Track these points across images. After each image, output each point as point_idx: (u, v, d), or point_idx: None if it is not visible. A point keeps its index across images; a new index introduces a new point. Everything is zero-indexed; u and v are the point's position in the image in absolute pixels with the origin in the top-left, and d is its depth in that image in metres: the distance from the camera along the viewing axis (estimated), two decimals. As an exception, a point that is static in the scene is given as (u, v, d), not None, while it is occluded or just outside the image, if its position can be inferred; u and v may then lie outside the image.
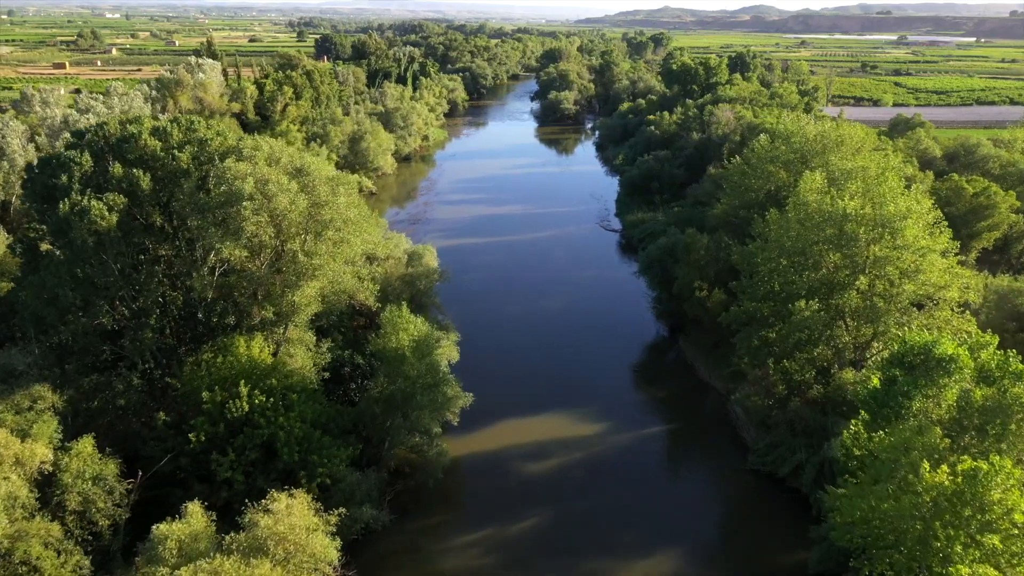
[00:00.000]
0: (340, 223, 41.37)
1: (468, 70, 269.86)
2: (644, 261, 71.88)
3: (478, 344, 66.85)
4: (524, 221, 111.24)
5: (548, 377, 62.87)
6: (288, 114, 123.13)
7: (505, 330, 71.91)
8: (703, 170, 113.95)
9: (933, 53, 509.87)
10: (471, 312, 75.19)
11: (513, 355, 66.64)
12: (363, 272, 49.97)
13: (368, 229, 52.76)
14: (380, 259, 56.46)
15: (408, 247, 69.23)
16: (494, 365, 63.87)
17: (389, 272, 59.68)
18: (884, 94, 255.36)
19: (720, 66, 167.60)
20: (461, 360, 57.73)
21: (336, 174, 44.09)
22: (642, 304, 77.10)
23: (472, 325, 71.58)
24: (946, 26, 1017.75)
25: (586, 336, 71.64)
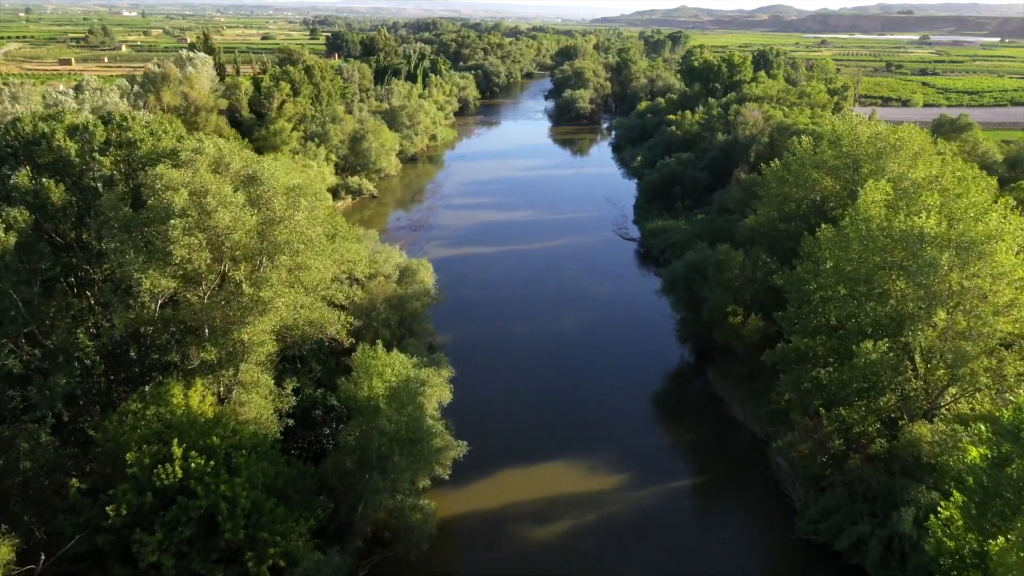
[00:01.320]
0: (299, 244, 33.35)
1: (481, 68, 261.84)
2: (668, 279, 63.54)
3: (478, 373, 58.79)
4: (535, 228, 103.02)
5: (557, 414, 54.67)
6: (285, 111, 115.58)
7: (510, 356, 63.78)
8: (728, 173, 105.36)
9: (958, 53, 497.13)
10: (472, 334, 67.19)
11: (518, 387, 58.46)
12: (339, 296, 41.94)
13: (347, 247, 44.78)
14: (363, 280, 48.51)
15: (400, 262, 61.23)
16: (495, 400, 55.76)
17: (375, 293, 51.65)
18: (913, 94, 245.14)
19: (744, 63, 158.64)
20: (457, 394, 49.53)
21: (300, 183, 35.92)
22: (664, 325, 68.69)
23: (473, 350, 63.60)
24: (969, 26, 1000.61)
25: (602, 363, 63.39)
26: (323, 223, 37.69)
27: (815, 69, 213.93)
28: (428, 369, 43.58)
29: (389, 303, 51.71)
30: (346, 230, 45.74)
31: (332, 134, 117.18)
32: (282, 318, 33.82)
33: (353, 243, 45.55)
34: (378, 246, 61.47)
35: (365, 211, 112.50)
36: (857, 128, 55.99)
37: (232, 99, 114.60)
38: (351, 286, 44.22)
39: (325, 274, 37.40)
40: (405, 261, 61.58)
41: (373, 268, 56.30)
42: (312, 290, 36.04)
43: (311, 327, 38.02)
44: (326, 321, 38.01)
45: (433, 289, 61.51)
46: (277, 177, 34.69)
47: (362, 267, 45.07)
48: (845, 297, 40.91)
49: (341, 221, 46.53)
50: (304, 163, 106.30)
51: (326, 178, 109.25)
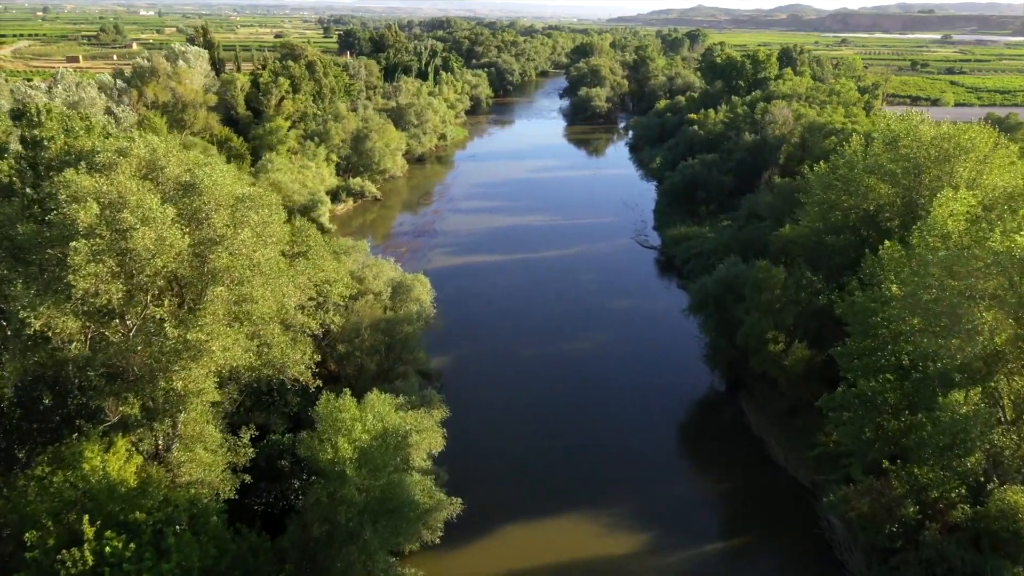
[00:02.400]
0: (243, 271, 26.48)
1: (494, 65, 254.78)
2: (696, 297, 56.23)
3: (479, 407, 51.89)
4: (547, 234, 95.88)
5: (569, 457, 47.53)
6: (283, 109, 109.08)
7: (515, 384, 56.70)
8: (756, 176, 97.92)
9: (983, 52, 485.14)
10: (474, 357, 60.20)
11: (524, 423, 51.36)
12: (312, 325, 35.02)
13: (322, 267, 37.89)
14: (344, 303, 41.66)
15: (393, 276, 54.32)
16: (497, 440, 48.69)
17: (360, 316, 44.72)
18: (942, 93, 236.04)
19: (770, 60, 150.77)
20: (453, 434, 42.71)
21: (251, 192, 29.05)
22: (690, 347, 61.42)
23: (474, 377, 56.68)
24: (992, 25, 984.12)
25: (619, 392, 56.21)
26: (281, 242, 30.72)
27: (842, 67, 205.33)
28: (417, 412, 36.66)
29: (376, 327, 44.79)
30: (321, 245, 38.90)
31: (333, 133, 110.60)
32: (219, 364, 26.87)
33: (329, 261, 38.66)
34: (368, 259, 54.56)
35: (367, 215, 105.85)
36: (918, 127, 48.42)
37: (228, 96, 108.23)
38: (327, 311, 37.30)
39: (288, 302, 30.50)
40: (399, 276, 54.65)
41: (361, 286, 49.39)
42: (264, 325, 29.08)
43: (269, 368, 31.10)
44: (287, 361, 31.01)
45: (430, 308, 54.64)
46: (223, 185, 27.77)
47: (340, 288, 38.05)
48: (921, 332, 33.48)
49: (315, 235, 39.73)
50: (302, 163, 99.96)
51: (325, 179, 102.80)
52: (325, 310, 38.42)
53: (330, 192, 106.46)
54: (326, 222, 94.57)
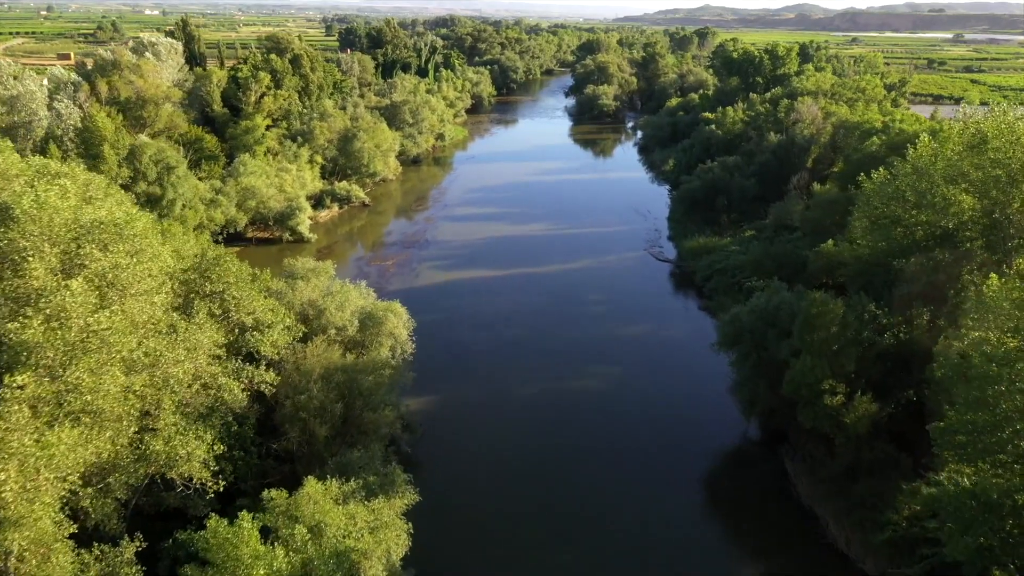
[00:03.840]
0: (68, 348, 17.17)
1: (497, 63, 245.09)
2: (728, 331, 46.72)
3: (463, 470, 42.57)
4: (551, 246, 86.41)
5: (575, 539, 38.12)
6: (263, 106, 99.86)
7: (512, 436, 47.28)
8: (783, 181, 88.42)
9: (998, 51, 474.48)
10: (463, 400, 50.78)
11: (521, 488, 41.96)
12: (231, 391, 25.75)
13: (249, 305, 28.52)
14: (279, 355, 32.32)
15: (364, 306, 44.99)
16: (486, 516, 39.23)
17: (308, 366, 35.30)
18: (965, 92, 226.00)
19: (790, 55, 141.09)
20: (430, 510, 33.44)
21: (107, 218, 19.76)
22: (716, 384, 52.09)
23: (460, 427, 47.31)
24: (1003, 24, 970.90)
25: (635, 445, 46.77)
26: (159, 286, 21.41)
27: (862, 64, 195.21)
28: (375, 502, 27.34)
29: (331, 378, 35.44)
30: (245, 281, 29.63)
31: (318, 132, 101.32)
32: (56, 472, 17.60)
33: (259, 300, 29.40)
34: (333, 284, 45.17)
35: (354, 222, 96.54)
36: (1015, 125, 38.78)
37: (203, 92, 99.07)
38: (258, 366, 28.01)
39: (175, 371, 21.17)
40: (370, 304, 45.29)
41: (318, 321, 40.07)
42: (114, 421, 19.82)
43: (146, 465, 21.82)
44: (173, 456, 21.74)
45: (407, 342, 45.35)
46: (58, 210, 18.49)
47: (276, 335, 28.72)
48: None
49: (236, 267, 30.40)
50: (280, 166, 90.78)
51: (307, 183, 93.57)
52: (257, 364, 28.98)
53: (313, 197, 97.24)
54: (306, 231, 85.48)
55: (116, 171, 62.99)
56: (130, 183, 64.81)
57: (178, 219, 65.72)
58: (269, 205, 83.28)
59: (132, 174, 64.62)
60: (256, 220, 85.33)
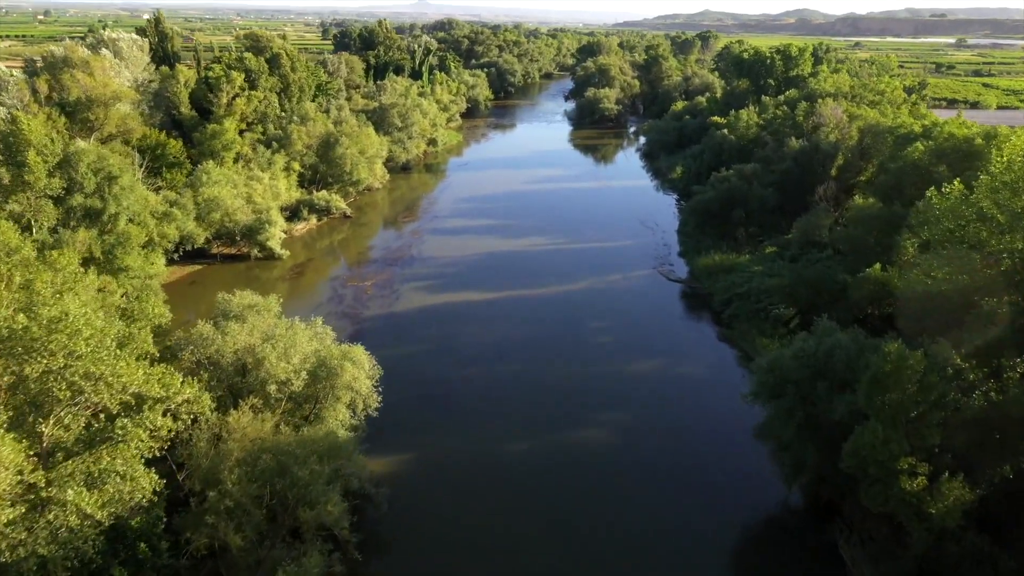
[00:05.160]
0: None
1: (494, 65, 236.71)
2: (766, 381, 38.07)
3: (436, 546, 33.92)
4: (549, 262, 77.81)
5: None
6: (235, 108, 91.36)
7: (499, 502, 38.62)
8: (806, 190, 79.86)
9: (1003, 55, 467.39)
10: (441, 460, 42.10)
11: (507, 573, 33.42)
12: (78, 507, 17.23)
13: (119, 371, 19.94)
14: (183, 426, 23.81)
15: (319, 350, 36.35)
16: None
17: (228, 447, 26.64)
18: (979, 96, 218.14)
19: (803, 55, 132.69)
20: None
21: None
22: (745, 432, 43.57)
23: (437, 496, 38.63)
24: (1005, 29, 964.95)
25: (649, 517, 38.16)
26: None
27: (875, 66, 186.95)
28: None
29: (255, 463, 26.80)
30: (108, 345, 21.10)
31: (295, 137, 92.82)
32: None
33: (129, 366, 20.91)
34: (278, 326, 36.48)
35: (333, 235, 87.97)
36: None
37: (169, 92, 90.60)
38: (131, 460, 19.44)
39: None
40: (324, 350, 36.61)
41: (258, 372, 31.49)
42: None
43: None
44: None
45: (370, 393, 36.76)
46: None
47: (155, 422, 20.10)
48: None
49: (93, 326, 21.79)
50: (251, 174, 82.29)
51: (281, 193, 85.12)
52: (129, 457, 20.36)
53: (289, 208, 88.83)
54: (277, 247, 76.99)
55: (45, 181, 54.43)
56: (64, 195, 56.26)
57: (120, 236, 57.10)
58: (236, 218, 74.77)
59: (66, 185, 56.05)
60: (222, 234, 76.90)
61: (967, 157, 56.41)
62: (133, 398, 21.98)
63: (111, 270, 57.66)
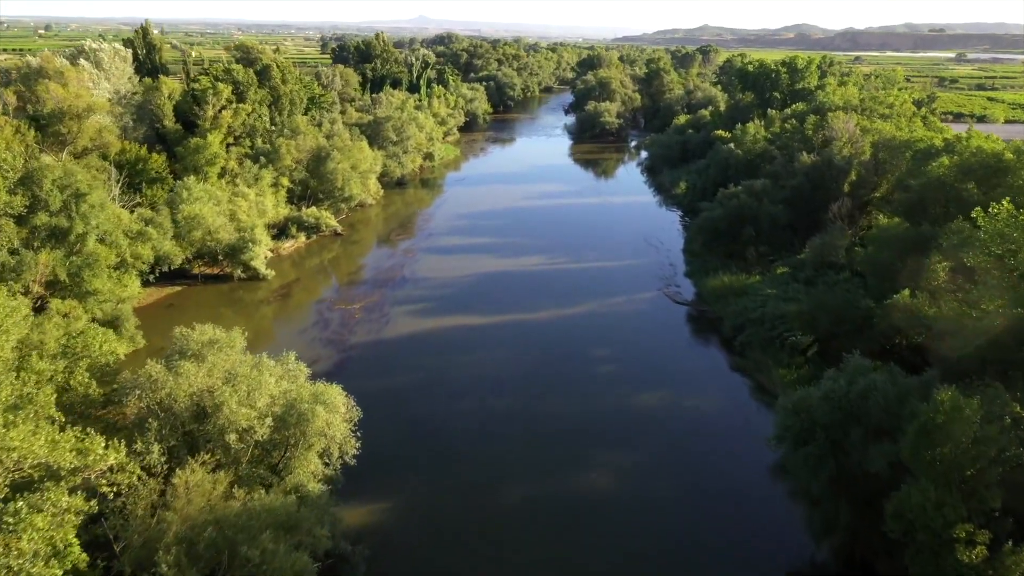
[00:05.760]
0: None
1: (493, 79, 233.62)
2: (790, 425, 33.97)
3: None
4: (548, 284, 73.84)
5: None
6: (221, 121, 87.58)
7: (492, 564, 34.43)
8: (818, 208, 75.97)
9: (1004, 70, 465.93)
10: (425, 506, 37.86)
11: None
12: None
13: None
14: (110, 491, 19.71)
15: (288, 391, 32.29)
16: None
17: (170, 515, 22.58)
18: (985, 110, 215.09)
19: (809, 67, 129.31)
20: None
21: None
22: (763, 473, 39.46)
23: (421, 545, 34.44)
24: (1004, 44, 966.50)
25: (657, 569, 34.04)
26: None
27: (879, 79, 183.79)
28: None
29: (200, 532, 22.75)
30: None
31: (284, 151, 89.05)
32: None
33: (15, 435, 16.93)
34: (244, 363, 32.42)
35: (323, 254, 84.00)
36: None
37: (153, 105, 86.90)
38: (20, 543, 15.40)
39: None
40: (296, 391, 32.53)
41: (218, 417, 27.40)
42: None
43: None
44: None
45: (348, 439, 32.67)
46: None
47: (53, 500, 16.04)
48: None
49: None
50: (235, 190, 78.46)
51: (267, 210, 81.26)
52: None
53: (276, 226, 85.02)
54: (261, 267, 73.04)
55: (6, 199, 50.52)
56: (27, 214, 52.33)
57: (88, 258, 53.14)
58: (218, 236, 70.88)
59: (29, 203, 52.14)
60: (204, 254, 73.01)
61: (996, 173, 52.66)
62: (37, 471, 18.03)
63: (78, 294, 53.79)
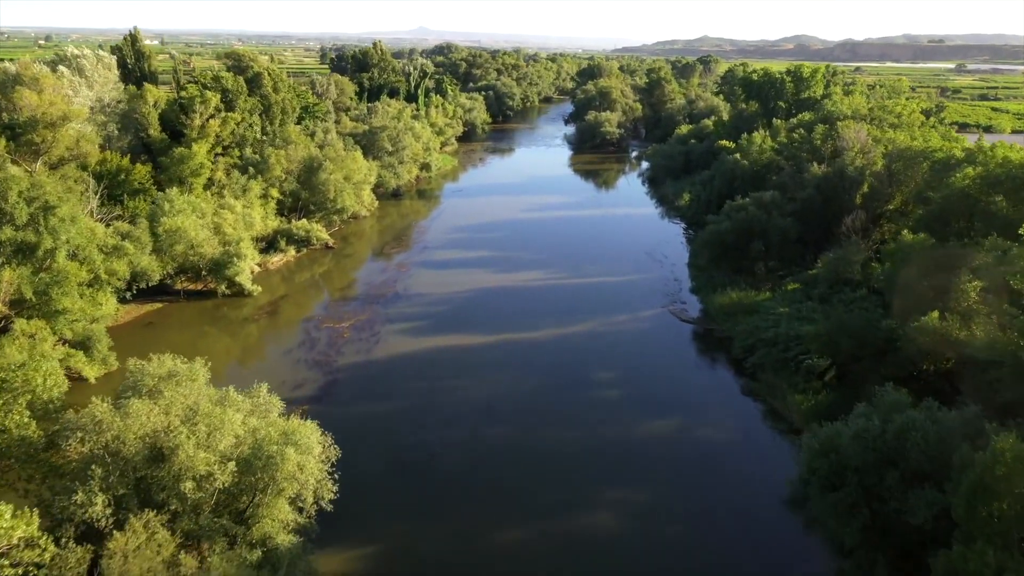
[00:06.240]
0: None
1: (492, 89, 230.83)
2: (817, 467, 30.36)
3: None
4: (548, 300, 70.44)
5: None
6: (209, 130, 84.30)
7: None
8: (829, 220, 72.71)
9: (1006, 80, 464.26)
10: (409, 555, 34.28)
11: None
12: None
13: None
14: None
15: (255, 428, 28.84)
16: None
17: None
18: (991, 120, 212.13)
19: (815, 76, 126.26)
20: None
21: None
22: (782, 510, 35.96)
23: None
24: (1004, 55, 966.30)
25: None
26: None
27: (884, 89, 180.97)
28: None
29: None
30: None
31: (273, 162, 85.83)
32: None
33: None
34: (209, 396, 29.00)
35: (314, 268, 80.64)
36: None
37: (138, 114, 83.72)
38: None
39: None
40: (265, 428, 29.08)
41: (167, 467, 23.96)
42: None
43: None
44: None
45: (324, 489, 29.22)
46: None
47: None
48: None
49: None
50: (221, 202, 75.19)
51: (255, 223, 78.03)
52: None
53: (265, 239, 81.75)
54: (247, 283, 69.71)
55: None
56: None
57: (57, 275, 49.78)
58: (202, 251, 67.55)
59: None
60: (187, 269, 69.66)
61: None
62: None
63: (46, 313, 50.42)
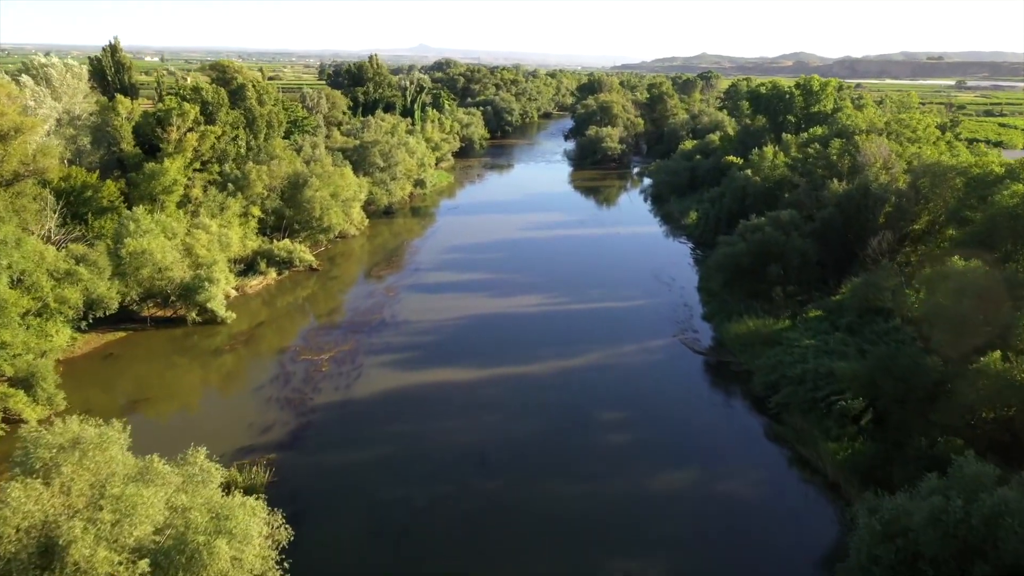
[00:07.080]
0: None
1: (491, 103, 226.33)
2: (879, 556, 24.62)
3: None
4: (547, 329, 64.78)
5: None
6: (186, 144, 78.88)
7: None
8: (852, 241, 67.31)
9: (1008, 97, 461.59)
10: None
11: None
12: None
13: None
14: None
15: (182, 509, 23.07)
16: None
17: None
18: (1000, 136, 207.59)
19: (826, 89, 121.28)
20: None
21: None
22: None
23: None
24: (1004, 71, 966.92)
25: None
26: None
27: (895, 103, 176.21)
28: None
29: None
30: None
31: (254, 178, 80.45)
32: None
33: None
34: (113, 473, 23.27)
35: (297, 291, 75.00)
36: None
37: (110, 127, 78.39)
38: None
39: None
40: (195, 510, 23.30)
41: (58, 569, 18.24)
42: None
43: None
44: None
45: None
46: None
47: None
48: None
49: None
50: (195, 222, 69.69)
51: (232, 243, 72.49)
52: None
53: (244, 260, 76.22)
54: (220, 310, 64.01)
55: None
56: (-82, 253, 43.48)
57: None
58: (170, 274, 61.99)
59: (-79, 239, 43.37)
60: (155, 294, 64.02)
61: (1084, 204, 44.06)
62: None
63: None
